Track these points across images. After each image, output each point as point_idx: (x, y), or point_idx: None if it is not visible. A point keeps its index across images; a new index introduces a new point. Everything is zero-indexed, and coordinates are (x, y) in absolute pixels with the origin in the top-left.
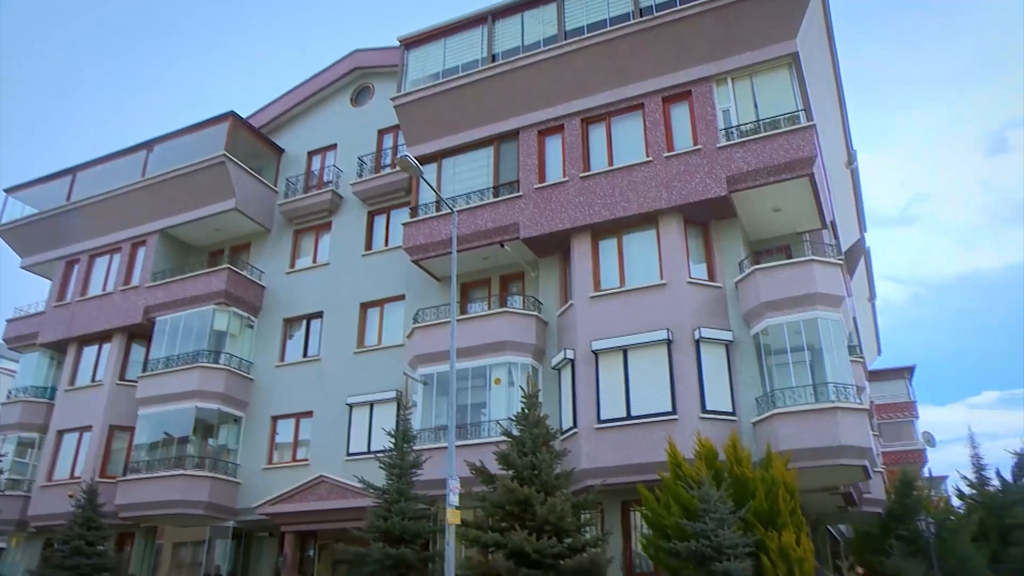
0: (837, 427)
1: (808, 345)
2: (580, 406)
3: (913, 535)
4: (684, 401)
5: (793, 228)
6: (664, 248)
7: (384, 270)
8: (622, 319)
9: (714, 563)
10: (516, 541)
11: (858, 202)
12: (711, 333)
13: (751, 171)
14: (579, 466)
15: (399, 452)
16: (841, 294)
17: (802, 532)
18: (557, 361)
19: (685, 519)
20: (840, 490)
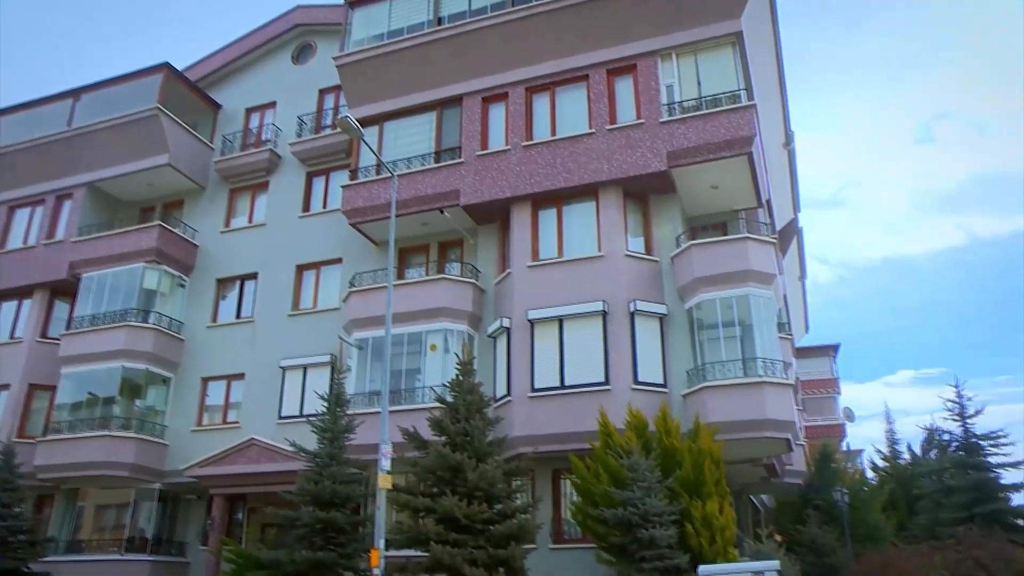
0: (763, 401)
1: (739, 321)
2: (514, 374)
3: (829, 505)
4: (617, 372)
5: (730, 206)
6: (603, 220)
7: (321, 233)
8: (559, 289)
9: (640, 530)
10: (447, 506)
11: (793, 183)
12: (646, 306)
13: (691, 147)
14: (512, 433)
15: (332, 416)
16: (773, 272)
17: (725, 501)
18: (493, 329)
19: (614, 487)
20: (763, 462)
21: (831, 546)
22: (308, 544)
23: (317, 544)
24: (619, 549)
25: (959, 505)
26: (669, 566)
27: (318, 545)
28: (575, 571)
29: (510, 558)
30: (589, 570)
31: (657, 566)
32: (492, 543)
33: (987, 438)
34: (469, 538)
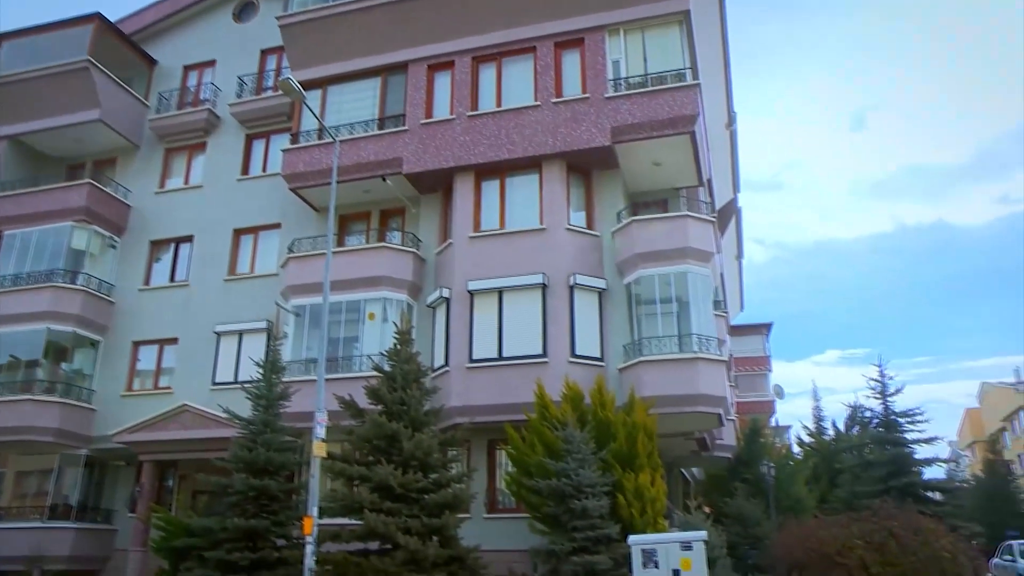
0: (697, 377)
1: (677, 297)
2: (453, 345)
3: (756, 478)
4: (555, 345)
5: (671, 183)
6: (546, 194)
7: (260, 197)
8: (500, 261)
9: (573, 500)
10: (382, 475)
11: (734, 164)
12: (585, 280)
13: (635, 124)
14: (449, 404)
15: (267, 383)
16: (711, 250)
17: (657, 474)
18: (433, 299)
19: (549, 459)
20: (695, 436)
21: (757, 517)
22: (240, 512)
23: (250, 512)
24: (552, 519)
25: (876, 478)
26: (600, 536)
27: (251, 513)
28: (508, 540)
29: (444, 527)
30: (522, 539)
31: (589, 536)
32: (426, 512)
33: (905, 416)
34: (403, 507)
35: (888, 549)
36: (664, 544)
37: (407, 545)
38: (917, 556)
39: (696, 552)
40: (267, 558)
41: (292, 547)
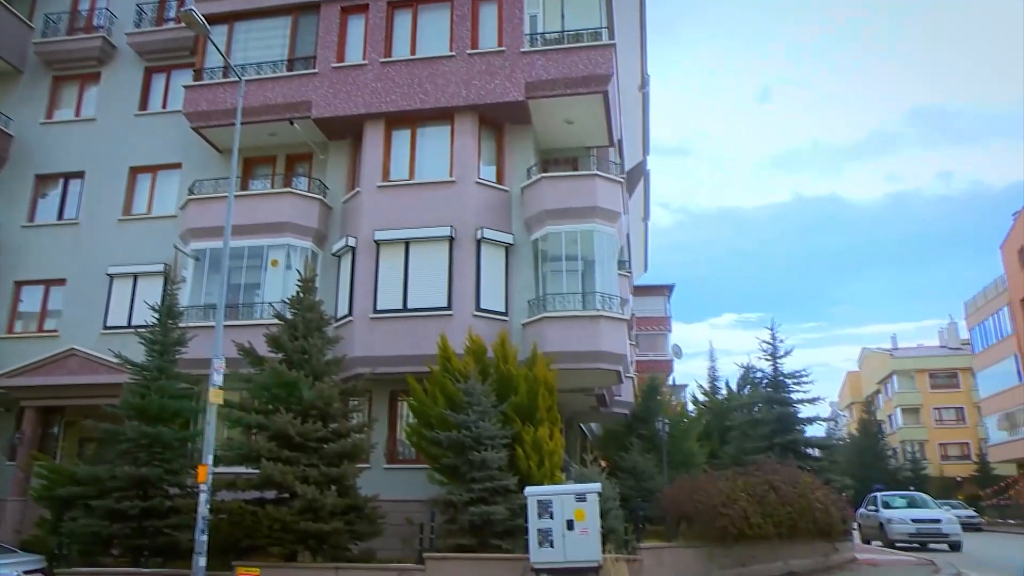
0: (599, 334)
1: (582, 255)
2: (357, 294)
3: (651, 434)
4: (460, 298)
5: (582, 142)
6: (457, 146)
7: (160, 134)
8: (408, 211)
9: (473, 452)
10: (280, 424)
11: (645, 126)
12: (493, 234)
13: (549, 80)
14: (351, 353)
15: (163, 328)
16: (619, 210)
17: (556, 428)
18: (338, 248)
19: (450, 411)
20: (595, 392)
21: (650, 472)
22: (131, 460)
23: (141, 460)
24: (451, 470)
25: (763, 435)
26: (498, 487)
27: (142, 461)
28: (407, 490)
29: (342, 476)
30: (421, 490)
31: (487, 487)
32: (325, 461)
33: (791, 377)
34: (302, 456)
35: (769, 501)
36: (559, 495)
37: (304, 494)
38: (794, 507)
39: (590, 503)
40: (158, 507)
41: (185, 496)
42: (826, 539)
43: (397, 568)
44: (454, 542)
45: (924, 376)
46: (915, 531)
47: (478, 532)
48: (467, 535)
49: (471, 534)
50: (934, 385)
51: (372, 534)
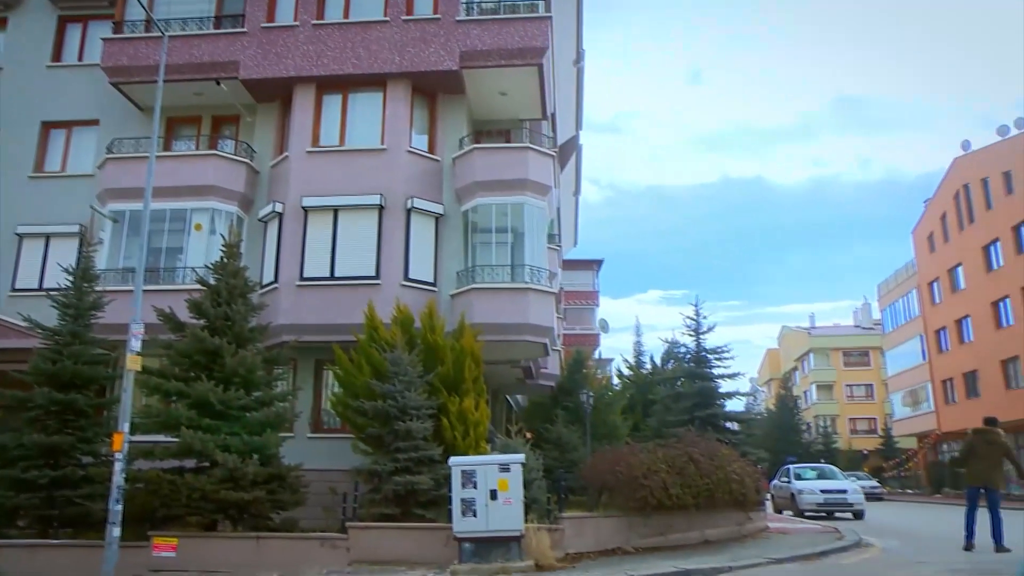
0: (527, 307)
1: (512, 228)
2: (283, 261)
3: (576, 406)
4: (388, 267)
5: (516, 114)
6: (389, 113)
7: (75, 88)
8: (337, 178)
9: (398, 422)
10: (201, 391)
11: (578, 102)
12: (423, 204)
13: (484, 51)
14: (276, 321)
15: (77, 292)
16: (550, 184)
17: (482, 399)
18: (265, 213)
19: (375, 380)
20: (521, 364)
21: (574, 443)
22: (41, 427)
23: (52, 427)
24: (376, 440)
25: (684, 409)
26: (423, 457)
27: (53, 428)
28: (331, 460)
29: (265, 445)
30: (345, 459)
31: (412, 457)
32: (247, 430)
33: (713, 353)
34: (223, 424)
35: (688, 472)
36: (483, 466)
37: (225, 463)
38: (711, 479)
39: (513, 474)
40: (70, 476)
41: (99, 465)
42: (741, 509)
43: (319, 537)
44: (377, 512)
45: (838, 354)
46: (823, 501)
47: (402, 502)
48: (391, 505)
49: (395, 504)
50: (847, 363)
51: (295, 503)
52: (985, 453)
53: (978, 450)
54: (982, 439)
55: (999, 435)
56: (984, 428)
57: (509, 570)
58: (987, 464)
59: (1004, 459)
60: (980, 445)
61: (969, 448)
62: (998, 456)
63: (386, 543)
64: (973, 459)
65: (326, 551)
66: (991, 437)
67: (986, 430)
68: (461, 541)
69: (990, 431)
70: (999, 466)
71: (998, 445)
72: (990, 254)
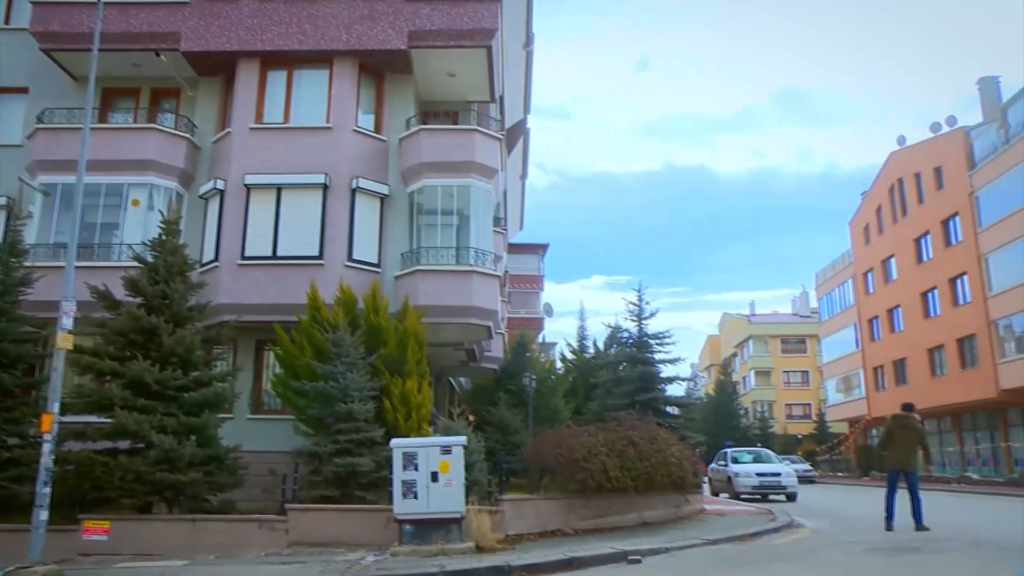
0: (471, 289)
1: (458, 210)
2: (224, 239)
3: (519, 390)
4: (332, 248)
5: (464, 96)
6: (335, 92)
7: (3, 54)
8: (281, 156)
9: (339, 403)
10: (136, 371)
11: (527, 85)
12: (369, 184)
13: (433, 31)
14: (216, 300)
15: (4, 267)
16: (496, 167)
17: (424, 381)
18: (206, 190)
19: (318, 361)
20: (465, 346)
21: (516, 426)
22: None
23: None
24: (317, 421)
25: (625, 393)
26: (364, 439)
27: None
28: (272, 441)
29: (203, 426)
30: (286, 441)
31: (353, 438)
32: (184, 410)
33: (655, 338)
34: (160, 404)
35: (628, 455)
36: (425, 448)
37: (161, 444)
38: (650, 462)
39: (455, 456)
40: None
41: (27, 446)
42: (679, 492)
43: (258, 519)
44: (318, 493)
45: (776, 341)
46: (758, 484)
47: (343, 484)
48: (331, 486)
49: (335, 485)
50: (784, 350)
51: (233, 485)
52: (901, 438)
53: (895, 435)
54: (898, 424)
55: (914, 420)
56: (901, 414)
57: (449, 552)
58: (904, 448)
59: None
60: (897, 430)
61: (887, 433)
62: (913, 440)
63: (326, 525)
64: (891, 444)
65: (264, 533)
66: (907, 422)
67: (902, 416)
68: (401, 523)
69: (906, 416)
70: (915, 450)
71: (913, 430)
72: (921, 247)
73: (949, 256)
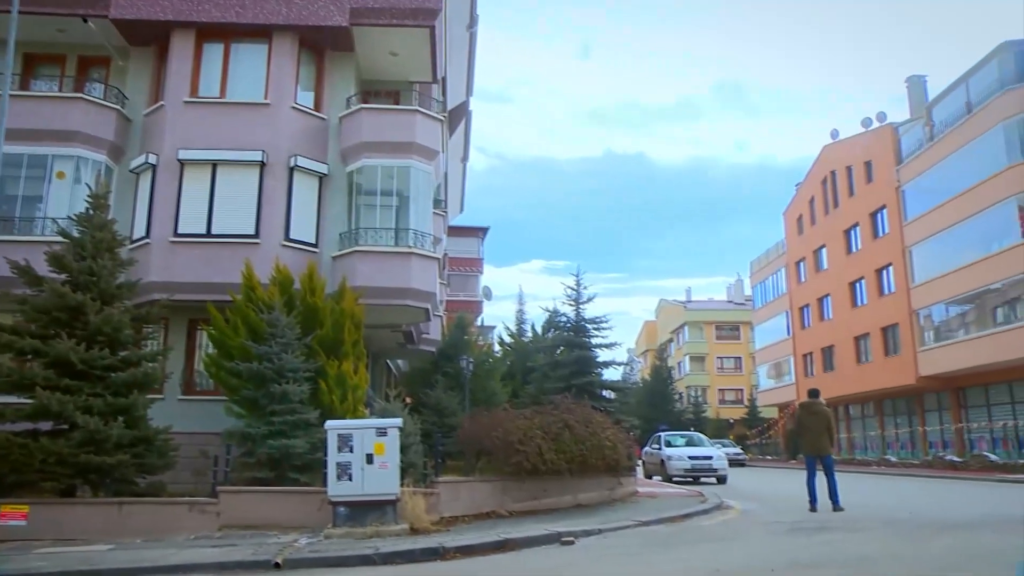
0: (410, 271)
1: (398, 191)
2: (156, 216)
3: (456, 372)
4: (269, 226)
5: (405, 76)
6: (274, 67)
7: None
8: (217, 132)
9: (274, 384)
10: (61, 350)
11: (470, 67)
12: (307, 163)
13: (376, 8)
14: (147, 278)
15: None
16: (437, 148)
17: (361, 363)
18: (137, 164)
19: (252, 341)
20: (403, 328)
21: (453, 409)
22: None
23: None
24: (251, 402)
25: (562, 377)
26: (299, 420)
27: None
28: (203, 423)
29: (131, 407)
30: (219, 422)
31: (287, 420)
32: (111, 391)
33: (592, 322)
34: (85, 385)
35: (563, 438)
36: (360, 430)
37: (86, 425)
38: (585, 444)
39: (390, 438)
40: None
41: None
42: (613, 474)
43: (188, 502)
44: (250, 476)
45: (711, 328)
46: (690, 467)
47: (276, 466)
48: (264, 469)
49: (269, 468)
50: (719, 336)
51: (163, 467)
52: (811, 424)
53: (804, 422)
54: (807, 411)
55: (822, 406)
56: (808, 401)
57: (383, 533)
58: (815, 434)
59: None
60: (806, 417)
61: (798, 420)
62: (822, 425)
63: (259, 507)
64: (803, 431)
65: (195, 516)
66: (815, 408)
67: (809, 403)
68: (336, 505)
69: (814, 403)
70: (825, 434)
71: (821, 416)
72: (850, 238)
73: (876, 248)
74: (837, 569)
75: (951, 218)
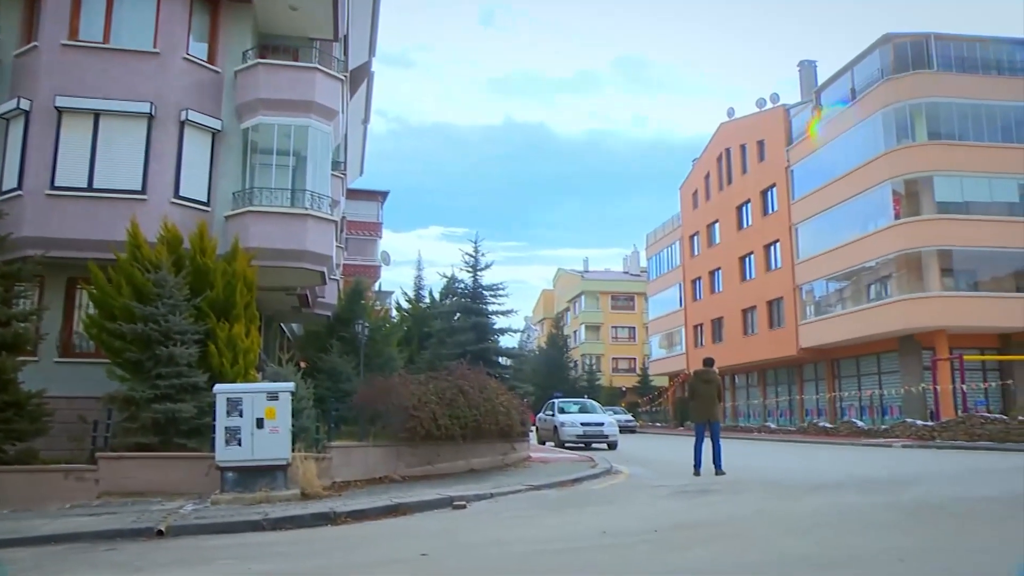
0: (305, 233)
1: (295, 151)
2: (30, 166)
3: (352, 337)
4: (156, 182)
5: (306, 33)
6: (164, 14)
7: None
8: (100, 79)
9: (160, 347)
10: None
11: (373, 27)
12: (199, 118)
13: None
14: (19, 233)
15: None
16: (337, 108)
17: (253, 325)
18: (7, 110)
19: (137, 302)
20: (298, 291)
21: (348, 374)
22: None
23: None
24: (135, 365)
25: (458, 343)
26: (186, 384)
27: None
28: (83, 387)
29: (1, 370)
30: (100, 386)
31: (174, 383)
32: None
33: (490, 289)
34: None
35: (457, 404)
36: (250, 393)
37: None
38: (479, 410)
39: (282, 402)
40: None
41: None
42: (506, 440)
43: (63, 469)
44: (133, 441)
45: (607, 298)
46: (582, 433)
47: (161, 430)
48: (149, 433)
49: (153, 432)
50: (614, 306)
51: (35, 433)
52: (703, 392)
53: (697, 389)
54: (700, 379)
55: (714, 374)
56: (701, 369)
57: (274, 499)
58: (706, 401)
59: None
60: (698, 384)
61: (691, 388)
62: (713, 393)
63: (142, 474)
64: (695, 397)
65: (71, 483)
66: (708, 376)
67: (703, 371)
68: (224, 470)
69: (706, 372)
70: (715, 402)
71: (713, 384)
72: (742, 214)
73: (765, 224)
74: (717, 528)
75: (834, 199)
